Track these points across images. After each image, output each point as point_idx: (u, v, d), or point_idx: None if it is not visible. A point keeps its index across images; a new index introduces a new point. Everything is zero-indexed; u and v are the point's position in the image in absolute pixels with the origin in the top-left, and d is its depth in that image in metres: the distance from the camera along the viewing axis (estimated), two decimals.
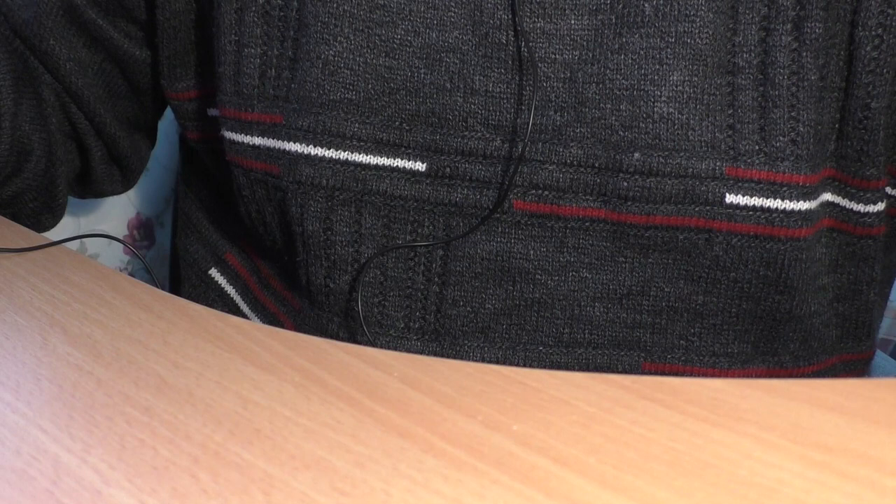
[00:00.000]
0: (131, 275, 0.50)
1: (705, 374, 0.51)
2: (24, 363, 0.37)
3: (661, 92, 0.47)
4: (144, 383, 0.35)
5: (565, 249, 0.50)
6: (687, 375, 0.49)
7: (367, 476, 0.29)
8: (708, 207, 0.47)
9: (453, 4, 0.48)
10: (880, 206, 0.50)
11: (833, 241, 0.51)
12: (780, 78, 0.46)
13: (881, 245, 0.54)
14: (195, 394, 0.35)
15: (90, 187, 0.63)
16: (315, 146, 0.50)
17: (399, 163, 0.50)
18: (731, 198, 0.47)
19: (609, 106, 0.47)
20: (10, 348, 0.38)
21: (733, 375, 0.51)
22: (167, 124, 0.74)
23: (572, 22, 0.47)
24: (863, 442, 0.32)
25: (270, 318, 0.59)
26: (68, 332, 0.39)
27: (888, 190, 0.51)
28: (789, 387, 0.36)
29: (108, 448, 0.31)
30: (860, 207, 0.50)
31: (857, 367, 0.57)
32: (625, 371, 0.52)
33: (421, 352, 0.51)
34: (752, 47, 0.46)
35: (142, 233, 0.78)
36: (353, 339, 0.54)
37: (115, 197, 0.72)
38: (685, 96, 0.46)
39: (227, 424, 0.32)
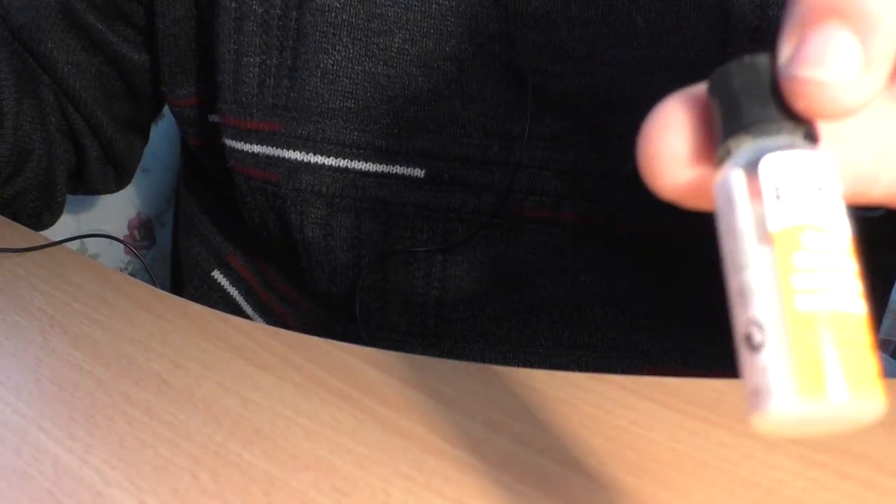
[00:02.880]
0: (132, 275, 0.50)
1: (703, 377, 0.51)
2: (24, 363, 0.37)
3: (653, 103, 0.47)
4: (145, 383, 0.35)
5: (563, 254, 0.50)
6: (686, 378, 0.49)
7: (367, 476, 0.29)
8: (704, 216, 0.47)
9: (449, 14, 0.48)
10: (881, 211, 0.50)
11: None
12: None
13: (881, 251, 0.54)
14: (196, 394, 0.35)
15: (84, 185, 0.63)
16: (314, 154, 0.50)
17: (398, 170, 0.50)
18: None
19: (603, 116, 0.47)
20: (10, 348, 0.38)
21: (731, 378, 0.51)
22: (168, 125, 0.74)
23: (564, 34, 0.47)
24: (863, 442, 0.32)
25: (275, 320, 0.59)
26: (69, 332, 0.39)
27: None
28: None
29: (108, 448, 0.31)
30: (860, 213, 0.50)
31: None
32: (624, 373, 0.52)
33: (422, 355, 0.52)
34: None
35: (142, 233, 0.78)
36: (357, 341, 0.54)
37: (115, 197, 0.72)
38: None
39: (228, 424, 0.32)
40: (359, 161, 0.50)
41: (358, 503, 0.28)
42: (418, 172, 0.50)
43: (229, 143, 0.53)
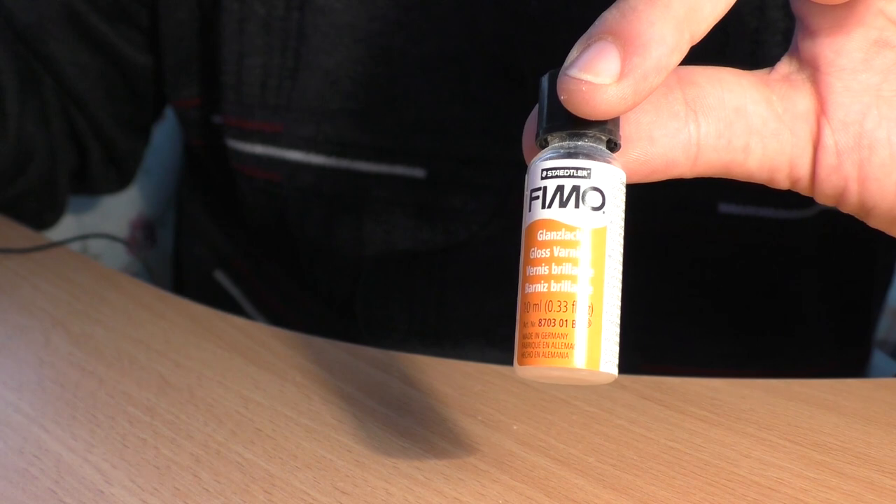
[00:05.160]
0: (133, 275, 0.50)
1: (702, 376, 0.51)
2: (26, 363, 0.37)
3: None
4: (146, 383, 0.35)
5: None
6: (684, 376, 0.49)
7: (367, 475, 0.30)
8: (701, 216, 0.47)
9: (450, 16, 0.48)
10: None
11: (831, 248, 0.52)
12: None
13: (879, 251, 0.54)
14: (197, 393, 0.35)
15: (86, 186, 0.63)
16: (316, 154, 0.50)
17: (399, 170, 0.50)
18: (724, 207, 0.47)
19: None
20: (12, 348, 0.38)
21: (729, 377, 0.51)
22: (169, 126, 0.74)
23: (564, 35, 0.47)
24: (861, 442, 0.32)
25: (276, 320, 0.59)
26: (70, 331, 0.39)
27: None
28: (788, 387, 0.36)
29: (110, 447, 0.31)
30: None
31: (853, 370, 0.57)
32: (623, 372, 0.52)
33: (423, 354, 0.52)
34: (743, 59, 0.46)
35: (144, 233, 0.78)
36: (358, 340, 0.54)
37: (117, 197, 0.72)
38: None
39: (229, 424, 0.33)
40: (360, 161, 0.50)
41: (358, 502, 0.28)
42: (419, 173, 0.50)
43: (231, 143, 0.53)
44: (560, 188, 0.22)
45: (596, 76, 0.22)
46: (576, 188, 0.22)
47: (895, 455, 0.31)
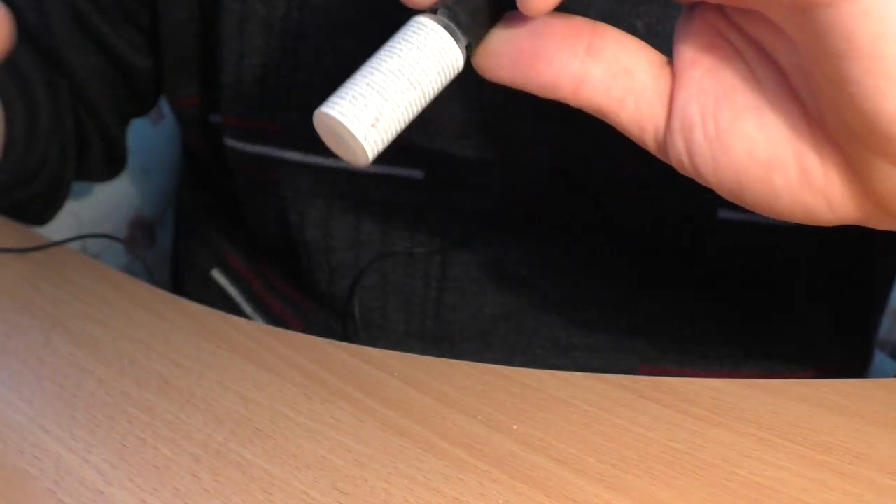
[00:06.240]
0: (133, 275, 0.50)
1: (702, 376, 0.51)
2: (26, 363, 0.37)
3: None
4: (146, 383, 0.35)
5: (562, 255, 0.50)
6: (684, 376, 0.49)
7: (367, 475, 0.30)
8: (701, 221, 0.47)
9: None
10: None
11: (831, 250, 0.52)
12: None
13: (878, 252, 0.54)
14: (196, 393, 0.35)
15: (80, 177, 0.63)
16: (314, 155, 0.50)
17: (397, 171, 0.50)
18: (723, 213, 0.47)
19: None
20: (12, 348, 0.38)
21: (729, 377, 0.51)
22: (168, 125, 0.74)
23: None
24: (862, 442, 0.32)
25: (274, 320, 0.59)
26: (70, 331, 0.39)
27: None
28: (789, 387, 0.36)
29: (109, 447, 0.31)
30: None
31: (853, 370, 0.57)
32: (623, 372, 0.52)
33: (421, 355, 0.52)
34: None
35: (143, 233, 0.78)
36: (357, 340, 0.54)
37: (116, 197, 0.72)
38: None
39: (229, 424, 0.33)
40: None
41: (358, 502, 0.28)
42: (417, 173, 0.50)
43: (230, 143, 0.53)
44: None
45: None
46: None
47: (895, 455, 0.31)
